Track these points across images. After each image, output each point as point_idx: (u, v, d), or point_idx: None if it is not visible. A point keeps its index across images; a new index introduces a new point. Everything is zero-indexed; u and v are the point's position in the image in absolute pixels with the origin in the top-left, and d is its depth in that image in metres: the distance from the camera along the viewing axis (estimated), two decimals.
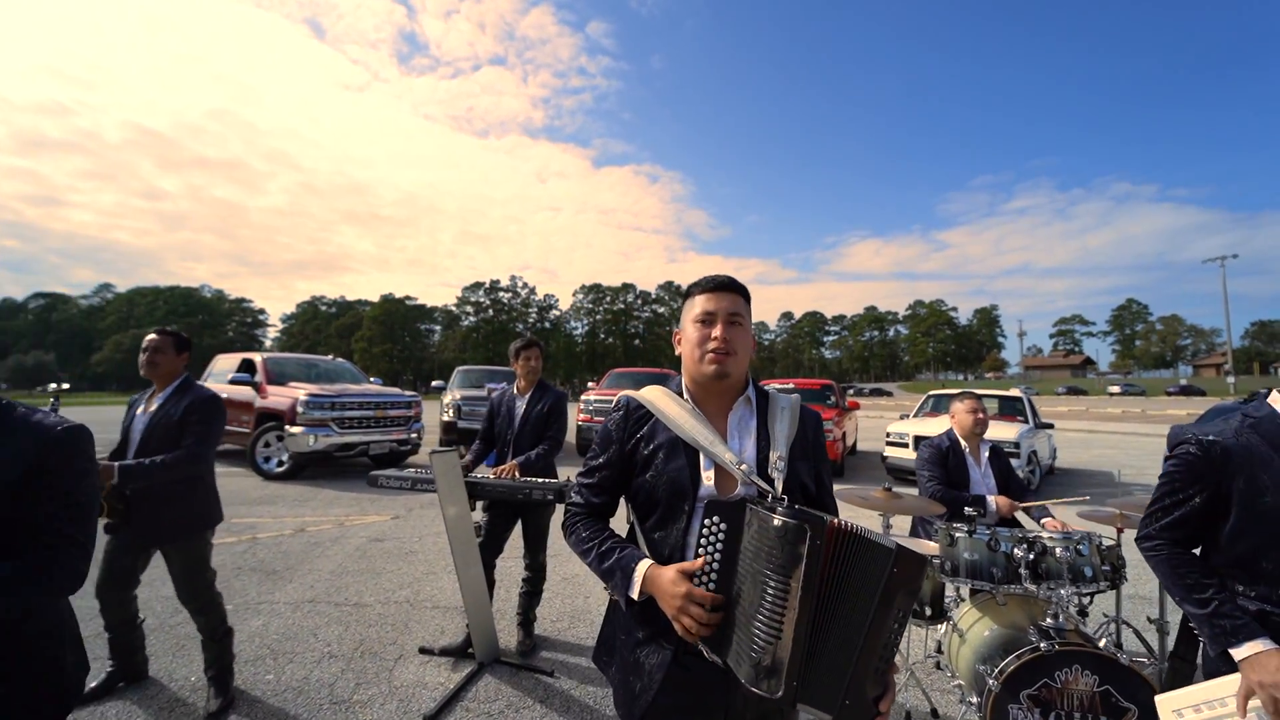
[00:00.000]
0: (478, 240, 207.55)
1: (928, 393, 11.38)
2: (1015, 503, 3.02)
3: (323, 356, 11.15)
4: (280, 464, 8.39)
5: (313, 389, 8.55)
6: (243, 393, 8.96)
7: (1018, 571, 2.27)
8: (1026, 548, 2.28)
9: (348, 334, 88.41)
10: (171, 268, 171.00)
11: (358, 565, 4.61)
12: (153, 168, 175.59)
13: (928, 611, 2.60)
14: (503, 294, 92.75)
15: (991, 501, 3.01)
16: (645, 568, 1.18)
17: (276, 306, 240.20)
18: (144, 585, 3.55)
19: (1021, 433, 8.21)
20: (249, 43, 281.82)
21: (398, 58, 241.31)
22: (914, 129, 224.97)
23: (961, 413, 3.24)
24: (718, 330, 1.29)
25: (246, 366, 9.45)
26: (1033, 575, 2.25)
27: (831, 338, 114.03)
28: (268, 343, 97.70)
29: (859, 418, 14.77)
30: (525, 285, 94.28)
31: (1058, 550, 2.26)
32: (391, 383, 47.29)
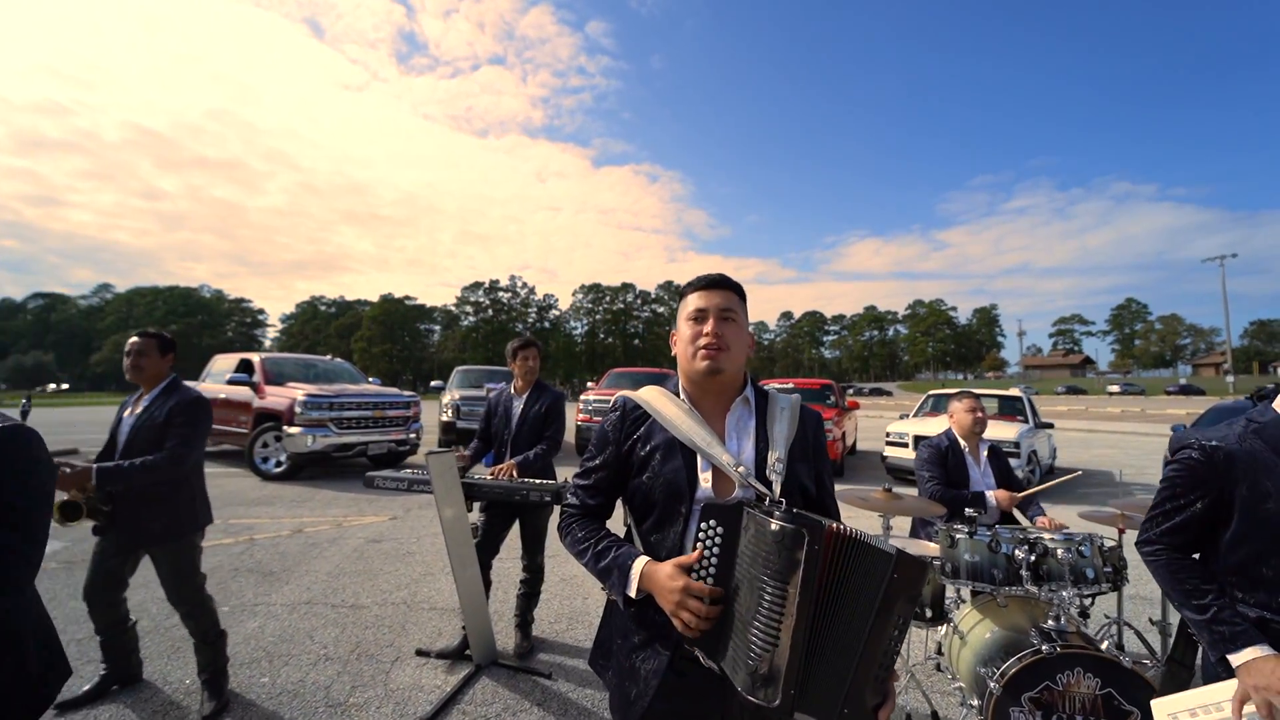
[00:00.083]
0: (477, 240, 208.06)
1: (927, 392, 11.37)
2: (1014, 495, 3.01)
3: (321, 356, 11.13)
4: (278, 464, 8.37)
5: (311, 389, 8.52)
6: (241, 393, 8.95)
7: (1019, 573, 2.25)
8: (1028, 549, 2.26)
9: (347, 334, 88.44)
10: (171, 268, 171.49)
11: (355, 566, 4.59)
12: (152, 168, 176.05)
13: (928, 613, 2.58)
14: (502, 294, 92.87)
15: (991, 497, 2.99)
16: (642, 564, 1.16)
17: (276, 306, 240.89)
18: (139, 588, 3.56)
19: (1021, 432, 8.20)
20: (248, 42, 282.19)
21: (397, 57, 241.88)
22: (914, 129, 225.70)
23: (960, 412, 3.23)
24: (709, 326, 1.27)
25: (244, 366, 9.43)
26: (1034, 577, 2.24)
27: (831, 337, 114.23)
28: (267, 343, 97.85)
29: (858, 417, 14.76)
30: (525, 285, 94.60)
31: (1059, 552, 2.24)
32: (391, 383, 47.37)
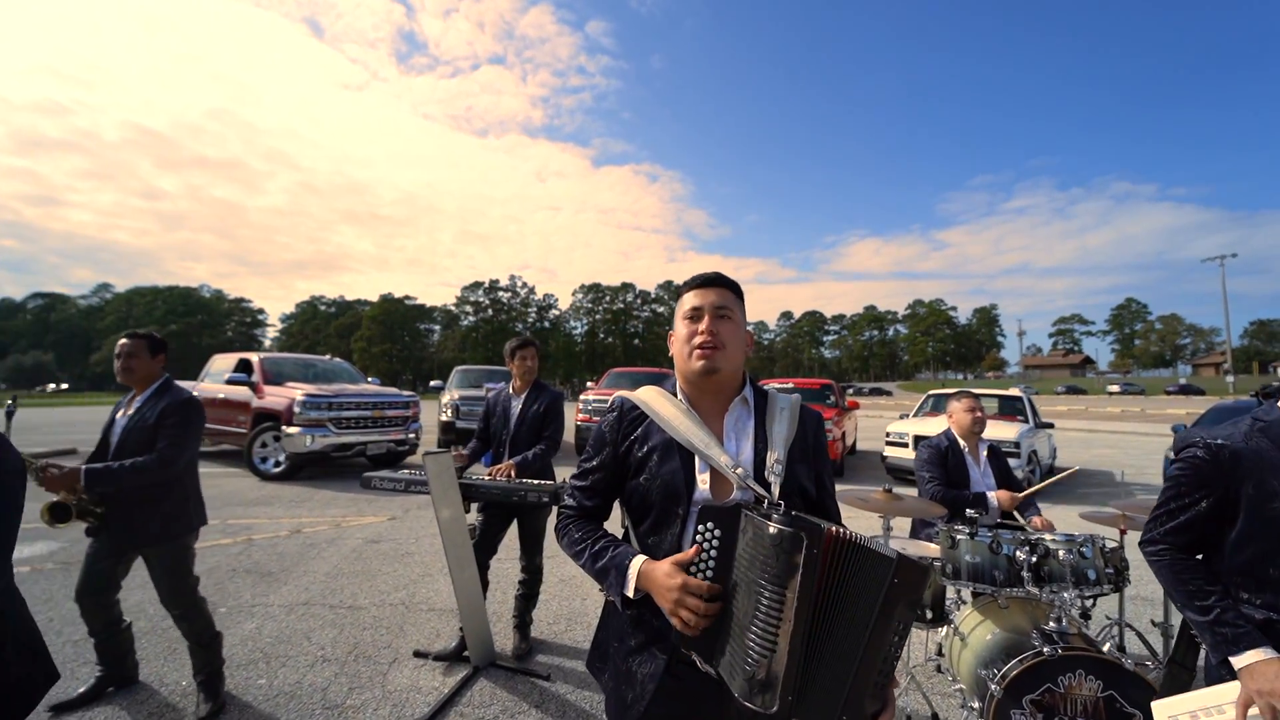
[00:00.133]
0: (477, 240, 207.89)
1: (927, 392, 11.36)
2: (1015, 495, 2.99)
3: (320, 356, 11.12)
4: (277, 464, 8.35)
5: (310, 389, 8.51)
6: (239, 393, 8.94)
7: (1020, 574, 2.24)
8: (1029, 550, 2.25)
9: (347, 334, 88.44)
10: (170, 267, 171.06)
11: (353, 567, 4.57)
12: (151, 167, 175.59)
13: (929, 614, 2.56)
14: (502, 294, 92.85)
15: (992, 498, 2.98)
16: (639, 563, 1.15)
17: (275, 306, 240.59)
18: (136, 589, 3.54)
19: (1022, 432, 8.19)
20: (248, 42, 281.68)
21: (396, 57, 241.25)
22: (914, 129, 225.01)
23: (959, 412, 3.22)
24: (704, 324, 1.25)
25: (243, 366, 9.42)
26: (1035, 578, 2.22)
27: (831, 337, 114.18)
28: (267, 342, 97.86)
29: (858, 417, 14.74)
30: (525, 285, 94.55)
31: (1060, 553, 2.23)
32: (391, 383, 47.38)
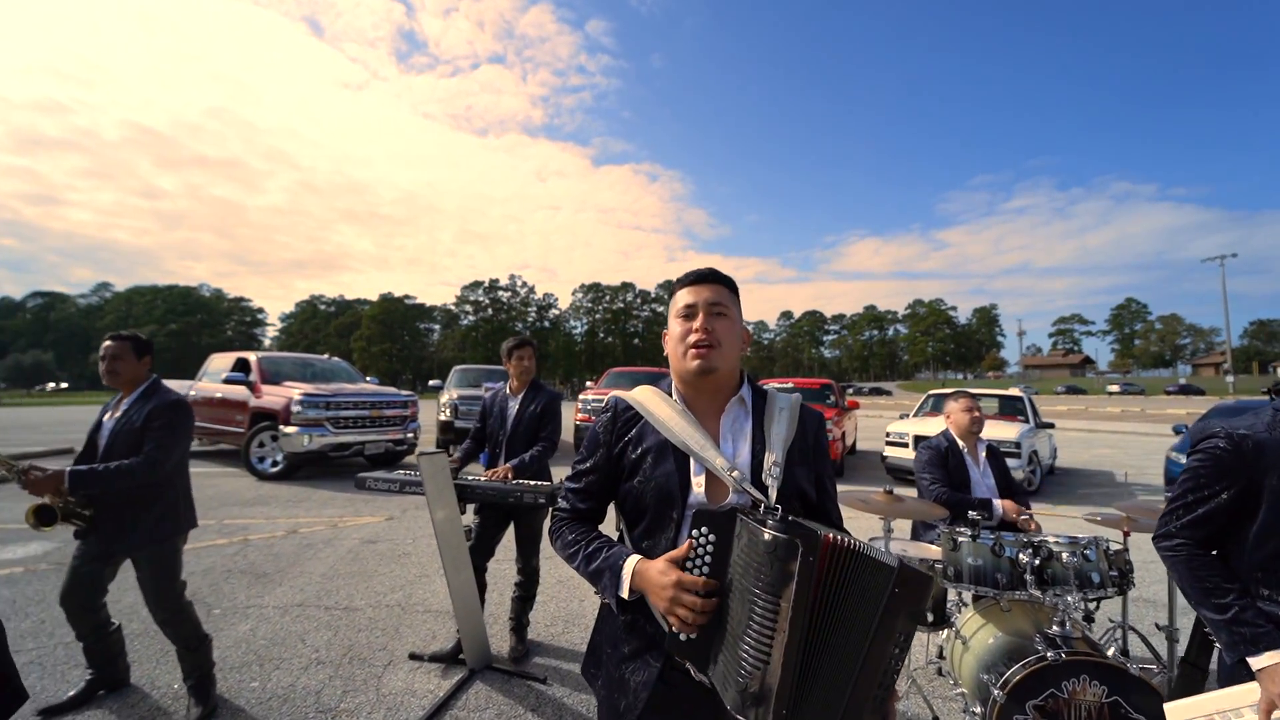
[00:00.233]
0: (477, 239, 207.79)
1: (927, 392, 11.33)
2: (1021, 507, 2.95)
3: (318, 356, 11.08)
4: (275, 464, 8.31)
5: (308, 388, 8.46)
6: (237, 392, 8.91)
7: (1023, 577, 2.21)
8: (1032, 553, 2.21)
9: (347, 333, 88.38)
10: (170, 267, 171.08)
11: (349, 568, 4.53)
12: (151, 166, 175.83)
13: (930, 617, 2.53)
14: (502, 293, 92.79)
15: (998, 505, 2.94)
16: (634, 563, 1.12)
17: (275, 305, 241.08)
18: (130, 589, 3.49)
19: (1022, 432, 8.16)
20: (247, 41, 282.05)
21: (396, 56, 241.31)
22: (913, 128, 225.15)
23: (957, 412, 3.19)
24: (699, 321, 1.21)
25: (241, 365, 9.38)
26: (1038, 581, 2.19)
27: (831, 337, 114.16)
28: (266, 342, 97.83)
29: (858, 417, 14.71)
30: (524, 284, 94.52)
31: (1064, 555, 2.20)
32: (391, 382, 47.27)
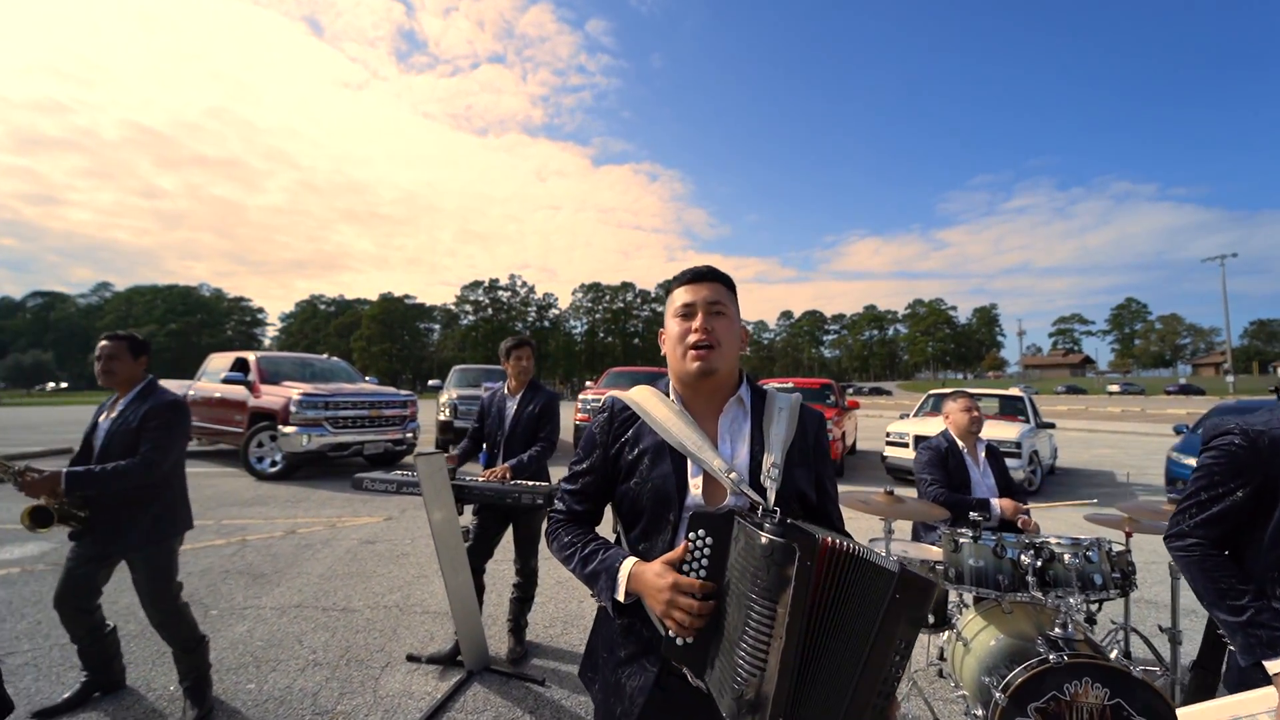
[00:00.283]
0: (477, 239, 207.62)
1: (927, 392, 11.31)
2: (1019, 505, 2.94)
3: (318, 355, 11.07)
4: (274, 464, 8.29)
5: (307, 388, 8.44)
6: (236, 392, 8.89)
7: (1025, 579, 2.19)
8: (1034, 554, 2.19)
9: (346, 333, 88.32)
10: (170, 266, 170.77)
11: (348, 568, 4.52)
12: (151, 166, 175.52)
13: (931, 619, 2.51)
14: (502, 293, 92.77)
15: (996, 504, 2.93)
16: (630, 565, 1.11)
17: (275, 305, 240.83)
18: (127, 590, 3.47)
19: (1023, 432, 8.15)
20: (247, 40, 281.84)
21: (396, 55, 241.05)
22: (914, 128, 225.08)
23: (957, 412, 3.17)
24: (698, 321, 1.19)
25: (240, 365, 9.36)
26: (1040, 582, 2.17)
27: (831, 337, 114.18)
28: (266, 342, 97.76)
29: (858, 417, 14.70)
30: (524, 284, 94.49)
31: (1066, 557, 2.18)
32: (391, 382, 47.24)
